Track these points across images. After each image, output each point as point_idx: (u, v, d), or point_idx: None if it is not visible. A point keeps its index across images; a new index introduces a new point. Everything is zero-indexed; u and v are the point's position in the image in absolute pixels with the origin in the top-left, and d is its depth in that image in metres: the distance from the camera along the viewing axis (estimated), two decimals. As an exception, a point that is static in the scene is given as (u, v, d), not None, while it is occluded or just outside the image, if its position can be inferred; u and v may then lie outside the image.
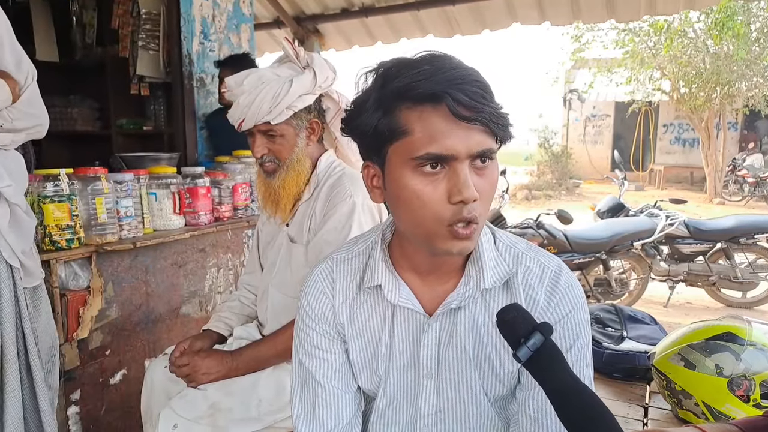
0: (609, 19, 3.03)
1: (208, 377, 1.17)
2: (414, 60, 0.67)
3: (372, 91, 0.68)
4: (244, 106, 1.13)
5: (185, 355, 1.20)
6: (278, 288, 1.28)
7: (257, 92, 1.12)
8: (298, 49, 1.19)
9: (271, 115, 1.13)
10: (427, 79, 0.63)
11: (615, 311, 1.77)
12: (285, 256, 1.28)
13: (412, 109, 0.64)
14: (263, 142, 1.18)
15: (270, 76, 1.15)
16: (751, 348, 1.19)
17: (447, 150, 0.63)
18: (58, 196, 1.50)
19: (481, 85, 0.63)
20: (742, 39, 8.66)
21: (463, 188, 0.63)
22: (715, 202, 9.93)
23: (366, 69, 0.71)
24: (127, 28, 2.63)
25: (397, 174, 0.67)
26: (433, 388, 0.78)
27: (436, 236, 0.67)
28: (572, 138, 13.58)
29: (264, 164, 1.20)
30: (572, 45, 10.77)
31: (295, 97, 1.14)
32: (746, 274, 3.70)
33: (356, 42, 3.54)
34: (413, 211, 0.66)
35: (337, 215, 1.16)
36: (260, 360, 1.19)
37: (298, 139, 1.19)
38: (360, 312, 0.79)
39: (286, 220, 1.26)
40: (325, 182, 1.23)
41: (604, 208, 4.16)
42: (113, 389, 1.74)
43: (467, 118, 0.62)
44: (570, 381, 0.57)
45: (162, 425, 1.10)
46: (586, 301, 0.77)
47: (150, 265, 1.82)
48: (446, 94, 0.62)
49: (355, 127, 0.71)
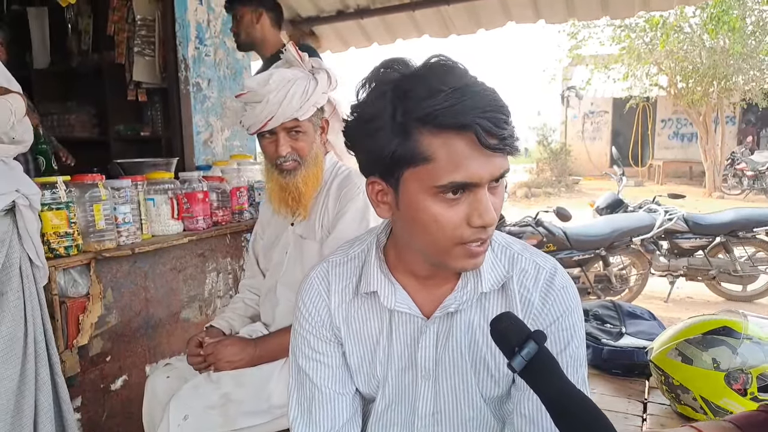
0: (603, 16, 3.03)
1: (232, 365, 1.18)
2: (426, 74, 0.63)
3: (386, 111, 0.64)
4: (274, 103, 1.14)
5: (209, 344, 1.21)
6: (288, 286, 1.28)
7: (287, 89, 1.14)
8: (302, 54, 1.22)
9: (301, 111, 1.15)
10: (453, 107, 0.60)
11: (614, 308, 1.78)
12: (294, 254, 1.29)
13: (436, 135, 0.62)
14: (287, 140, 1.19)
15: (292, 76, 1.17)
16: (747, 342, 1.19)
17: (471, 178, 0.62)
18: (56, 203, 1.50)
19: (504, 110, 0.62)
20: (738, 33, 8.66)
21: (484, 213, 0.64)
22: (714, 196, 9.92)
23: (365, 78, 0.68)
24: (123, 35, 2.64)
25: (414, 198, 0.65)
26: (431, 389, 0.78)
27: (451, 255, 0.67)
28: (571, 135, 13.58)
29: (284, 163, 1.20)
30: (569, 42, 10.80)
31: (320, 94, 1.18)
32: (746, 268, 3.70)
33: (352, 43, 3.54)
34: (430, 233, 0.66)
35: (353, 209, 1.19)
36: (283, 348, 1.18)
37: (316, 135, 1.23)
38: (357, 316, 0.79)
39: (306, 216, 1.27)
40: (333, 180, 1.26)
41: (602, 204, 4.16)
42: (114, 395, 1.75)
43: (493, 146, 0.61)
44: (565, 388, 0.58)
45: (173, 415, 1.10)
46: (580, 302, 0.78)
47: (149, 270, 1.83)
48: (474, 122, 0.60)
49: (365, 146, 0.68)
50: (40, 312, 1.32)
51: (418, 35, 3.37)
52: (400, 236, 0.75)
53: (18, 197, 1.25)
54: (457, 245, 0.66)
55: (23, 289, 1.27)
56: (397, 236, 0.76)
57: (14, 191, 1.24)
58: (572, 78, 12.92)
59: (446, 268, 0.70)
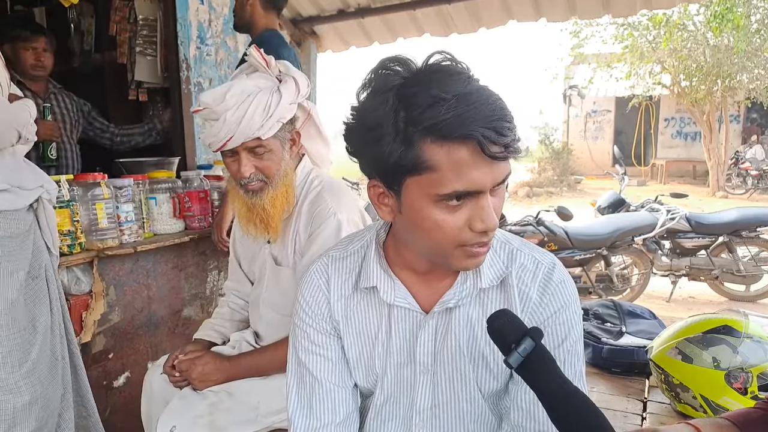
0: (605, 15, 3.02)
1: (206, 384, 1.18)
2: (429, 80, 0.62)
3: (388, 119, 0.63)
4: (232, 123, 1.04)
5: (185, 360, 1.21)
6: (270, 307, 1.26)
7: (246, 106, 1.03)
8: (268, 58, 1.12)
9: (263, 129, 1.05)
10: (457, 118, 0.60)
11: (614, 307, 1.77)
12: (272, 277, 1.24)
13: (440, 145, 0.61)
14: (250, 160, 1.09)
15: (253, 88, 1.06)
16: (747, 341, 1.19)
17: (474, 187, 0.63)
18: (59, 202, 1.51)
19: (508, 117, 0.62)
20: (742, 31, 8.61)
21: (486, 218, 0.64)
22: (718, 195, 9.88)
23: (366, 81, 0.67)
24: (125, 35, 2.64)
25: (416, 205, 0.66)
26: (429, 383, 0.79)
27: (453, 256, 0.68)
28: (573, 134, 13.55)
29: (249, 184, 1.11)
30: (571, 41, 10.76)
31: (286, 107, 1.08)
32: (749, 268, 3.69)
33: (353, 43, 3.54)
34: (432, 238, 0.67)
35: (323, 235, 1.11)
36: (259, 369, 1.19)
37: (284, 152, 1.12)
38: (357, 310, 0.80)
39: (276, 239, 1.20)
40: (305, 199, 1.17)
41: (604, 203, 4.15)
42: (117, 392, 1.76)
43: (496, 154, 0.61)
44: (562, 384, 0.58)
45: (160, 430, 1.10)
46: (578, 297, 0.78)
47: (151, 268, 1.84)
48: (478, 133, 0.60)
49: (369, 154, 0.68)
50: (59, 296, 1.41)
51: (419, 34, 3.37)
52: (400, 235, 0.75)
53: (43, 192, 1.34)
54: (459, 247, 0.67)
55: (46, 275, 1.36)
56: (397, 234, 0.76)
57: (39, 187, 1.33)
58: (574, 77, 12.87)
59: (448, 267, 0.71)
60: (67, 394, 1.41)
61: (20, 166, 1.31)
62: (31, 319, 1.31)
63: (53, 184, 1.40)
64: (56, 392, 1.36)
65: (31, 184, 1.30)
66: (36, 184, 1.32)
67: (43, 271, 1.35)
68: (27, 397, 1.26)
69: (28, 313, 1.30)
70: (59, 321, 1.40)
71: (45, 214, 1.36)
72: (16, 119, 1.25)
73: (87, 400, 1.48)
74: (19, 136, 1.26)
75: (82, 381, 1.48)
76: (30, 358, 1.28)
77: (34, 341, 1.30)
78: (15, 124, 1.24)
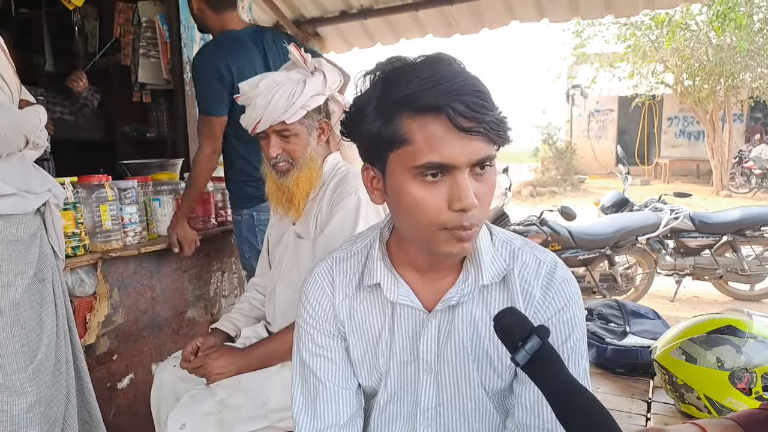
0: (607, 15, 3.02)
1: (221, 376, 1.20)
2: (414, 65, 0.67)
3: (372, 97, 0.68)
4: (260, 106, 1.18)
5: (198, 357, 1.23)
6: (286, 285, 1.30)
7: (273, 93, 1.17)
8: (305, 55, 1.24)
9: (287, 114, 1.18)
10: (428, 89, 0.63)
11: (618, 307, 1.77)
12: (292, 253, 1.31)
13: (413, 118, 0.64)
14: (278, 142, 1.22)
15: (283, 79, 1.20)
16: (752, 341, 1.19)
17: (447, 159, 0.64)
18: (64, 204, 1.52)
19: (481, 95, 0.64)
20: (745, 30, 8.58)
21: (464, 197, 0.65)
22: (722, 194, 9.84)
23: (365, 71, 0.71)
24: (129, 37, 2.66)
25: (398, 181, 0.68)
26: (433, 382, 0.79)
27: (436, 240, 0.68)
28: (576, 134, 13.51)
29: (278, 164, 1.23)
30: (573, 40, 10.74)
31: (309, 97, 1.19)
32: (753, 267, 3.67)
33: (356, 44, 3.55)
34: (414, 217, 0.68)
35: (343, 210, 1.19)
36: (272, 356, 1.22)
37: (310, 138, 1.24)
38: (360, 309, 0.80)
39: (299, 217, 1.29)
40: (331, 181, 1.27)
41: (607, 203, 4.14)
42: (121, 394, 1.77)
43: (467, 128, 0.63)
44: (570, 383, 0.58)
45: (171, 427, 1.11)
46: (581, 295, 0.78)
47: (155, 270, 1.85)
48: (447, 105, 0.62)
49: (356, 131, 0.72)
50: (63, 300, 1.42)
51: (422, 35, 3.37)
52: (399, 228, 0.76)
53: (50, 197, 1.36)
54: (441, 230, 0.67)
55: (52, 278, 1.38)
56: (398, 230, 0.77)
57: (47, 191, 1.35)
58: (577, 76, 12.85)
59: (435, 254, 0.71)
60: (71, 398, 1.42)
61: (29, 171, 1.32)
62: (37, 321, 1.32)
63: (61, 189, 1.42)
64: (60, 394, 1.37)
65: (39, 188, 1.32)
66: (44, 188, 1.33)
67: (49, 274, 1.36)
68: (32, 398, 1.27)
69: (34, 315, 1.31)
70: (64, 323, 1.41)
71: (52, 217, 1.38)
72: (24, 124, 1.26)
73: (90, 405, 1.49)
74: (27, 141, 1.27)
75: (86, 384, 1.49)
76: (36, 359, 1.29)
77: (39, 343, 1.31)
78: (22, 129, 1.25)
